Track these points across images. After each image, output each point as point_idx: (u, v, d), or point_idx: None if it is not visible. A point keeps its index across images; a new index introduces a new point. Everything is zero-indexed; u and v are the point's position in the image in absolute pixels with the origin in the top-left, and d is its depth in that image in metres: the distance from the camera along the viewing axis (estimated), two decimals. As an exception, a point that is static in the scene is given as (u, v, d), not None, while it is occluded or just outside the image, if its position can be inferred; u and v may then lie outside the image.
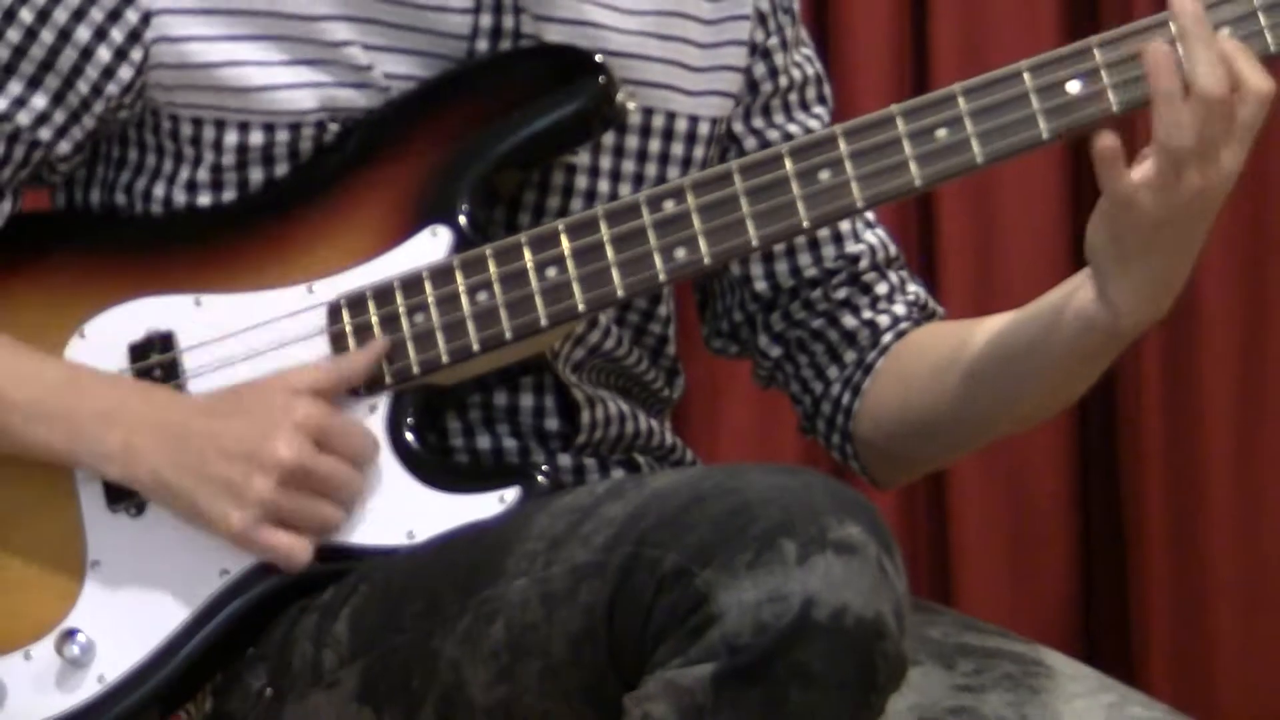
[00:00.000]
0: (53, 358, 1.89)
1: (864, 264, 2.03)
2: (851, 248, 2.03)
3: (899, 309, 2.04)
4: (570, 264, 1.82)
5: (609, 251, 1.82)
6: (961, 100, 1.79)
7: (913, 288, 2.06)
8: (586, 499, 1.66)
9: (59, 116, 1.89)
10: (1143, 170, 1.74)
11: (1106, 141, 1.74)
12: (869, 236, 2.04)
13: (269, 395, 1.83)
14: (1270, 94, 1.75)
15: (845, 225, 2.01)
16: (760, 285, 2.03)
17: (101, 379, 1.88)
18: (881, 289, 2.04)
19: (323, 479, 1.81)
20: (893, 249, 2.06)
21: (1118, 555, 3.41)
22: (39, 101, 1.88)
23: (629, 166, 1.96)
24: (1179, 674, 3.33)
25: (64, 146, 1.90)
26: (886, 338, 2.02)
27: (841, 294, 2.03)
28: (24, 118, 1.89)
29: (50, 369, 1.88)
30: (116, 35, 1.86)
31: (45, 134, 1.89)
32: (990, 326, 1.94)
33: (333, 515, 1.82)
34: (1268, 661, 3.37)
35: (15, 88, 1.88)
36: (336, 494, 1.82)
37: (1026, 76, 1.78)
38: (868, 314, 2.03)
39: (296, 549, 1.81)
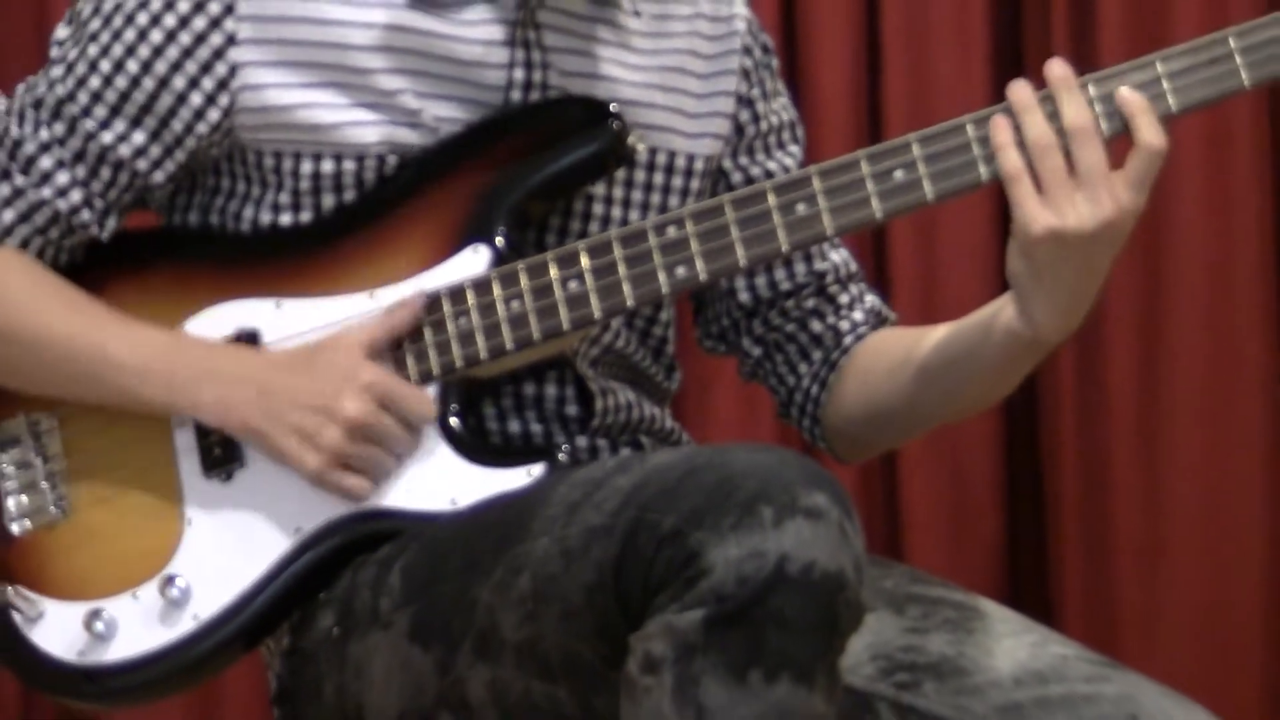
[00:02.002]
0: (156, 327, 1.88)
1: (829, 279, 2.04)
2: (819, 265, 2.03)
3: (858, 316, 2.04)
4: (589, 278, 1.82)
5: (621, 269, 1.82)
6: (915, 147, 1.79)
7: (870, 298, 2.06)
8: (599, 472, 1.66)
9: (155, 151, 1.89)
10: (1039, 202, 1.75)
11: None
12: (834, 255, 2.04)
13: (337, 355, 1.83)
14: (1163, 150, 1.74)
15: (817, 248, 2.01)
16: (744, 296, 2.03)
17: (198, 343, 1.88)
18: (844, 299, 2.04)
19: (382, 434, 1.81)
20: (853, 266, 2.06)
21: (1038, 519, 3.41)
22: (138, 138, 1.88)
23: (637, 196, 1.96)
24: (1089, 617, 3.33)
25: (158, 176, 1.90)
26: (848, 340, 2.02)
27: (810, 303, 2.03)
28: (125, 150, 1.89)
29: (155, 336, 1.88)
30: (207, 84, 1.86)
31: (142, 165, 1.89)
32: (935, 335, 1.94)
33: (389, 463, 1.82)
34: (1162, 606, 3.38)
35: (120, 125, 1.88)
36: (393, 447, 1.82)
37: (969, 129, 1.78)
38: (832, 320, 2.03)
39: (360, 488, 1.82)
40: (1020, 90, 1.77)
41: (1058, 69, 1.77)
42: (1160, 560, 3.37)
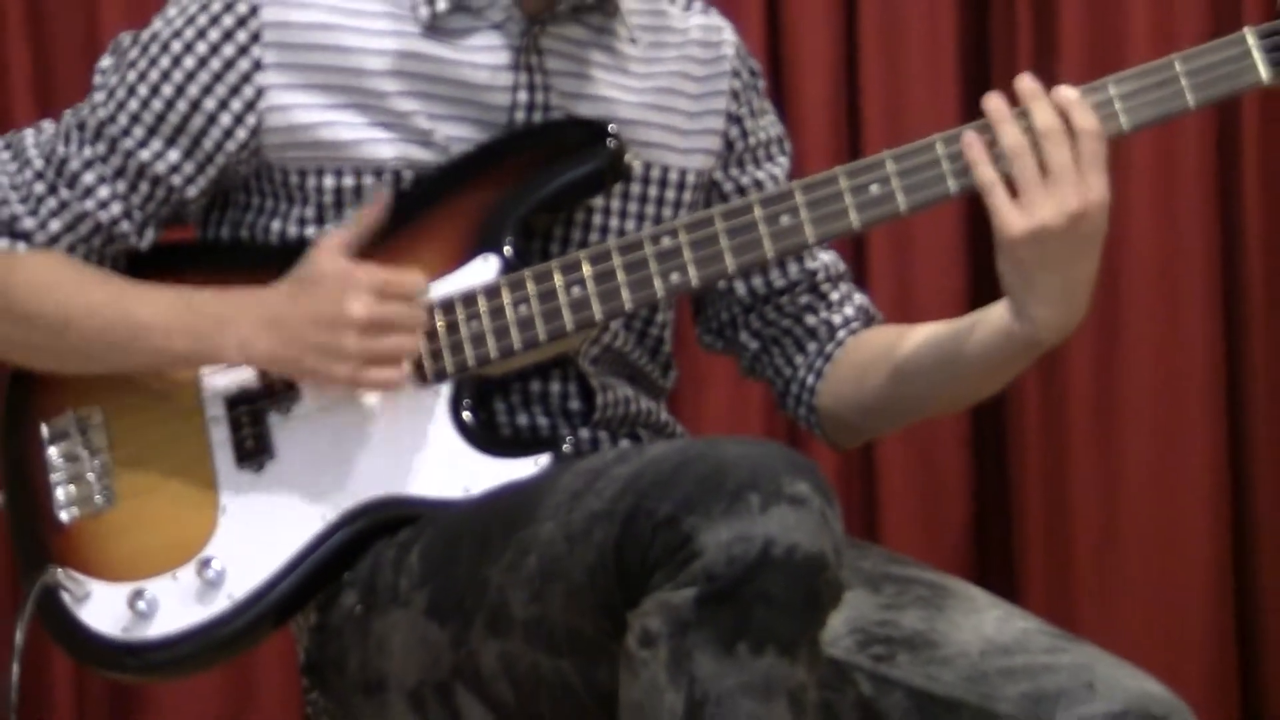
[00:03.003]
0: (171, 288, 1.88)
1: (820, 276, 2.03)
2: (810, 264, 2.03)
3: (850, 311, 2.04)
4: (590, 284, 1.83)
5: (620, 275, 1.82)
6: (889, 163, 1.79)
7: (859, 296, 2.06)
8: (600, 463, 1.66)
9: (188, 167, 1.89)
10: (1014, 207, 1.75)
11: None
12: (824, 256, 2.04)
13: (325, 266, 1.82)
14: (1099, 131, 1.75)
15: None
16: (741, 293, 2.03)
17: (208, 295, 1.87)
18: (835, 296, 2.04)
19: (392, 320, 1.80)
20: (842, 266, 2.06)
21: (1003, 506, 3.42)
22: (173, 155, 1.89)
23: (634, 208, 1.96)
24: (1049, 594, 3.34)
25: (192, 191, 1.90)
26: (840, 333, 2.02)
27: (804, 299, 2.03)
28: (161, 166, 1.89)
29: (171, 295, 1.87)
30: (236, 105, 1.86)
31: (177, 180, 1.90)
32: (925, 331, 1.95)
33: (410, 343, 1.81)
34: (1115, 585, 3.38)
35: (156, 144, 1.89)
36: (406, 326, 1.81)
37: (939, 146, 1.79)
38: (825, 314, 2.03)
39: (394, 378, 1.81)
40: (996, 101, 1.78)
41: (1027, 83, 1.78)
42: (1114, 543, 3.38)
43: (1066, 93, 1.76)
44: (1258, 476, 3.41)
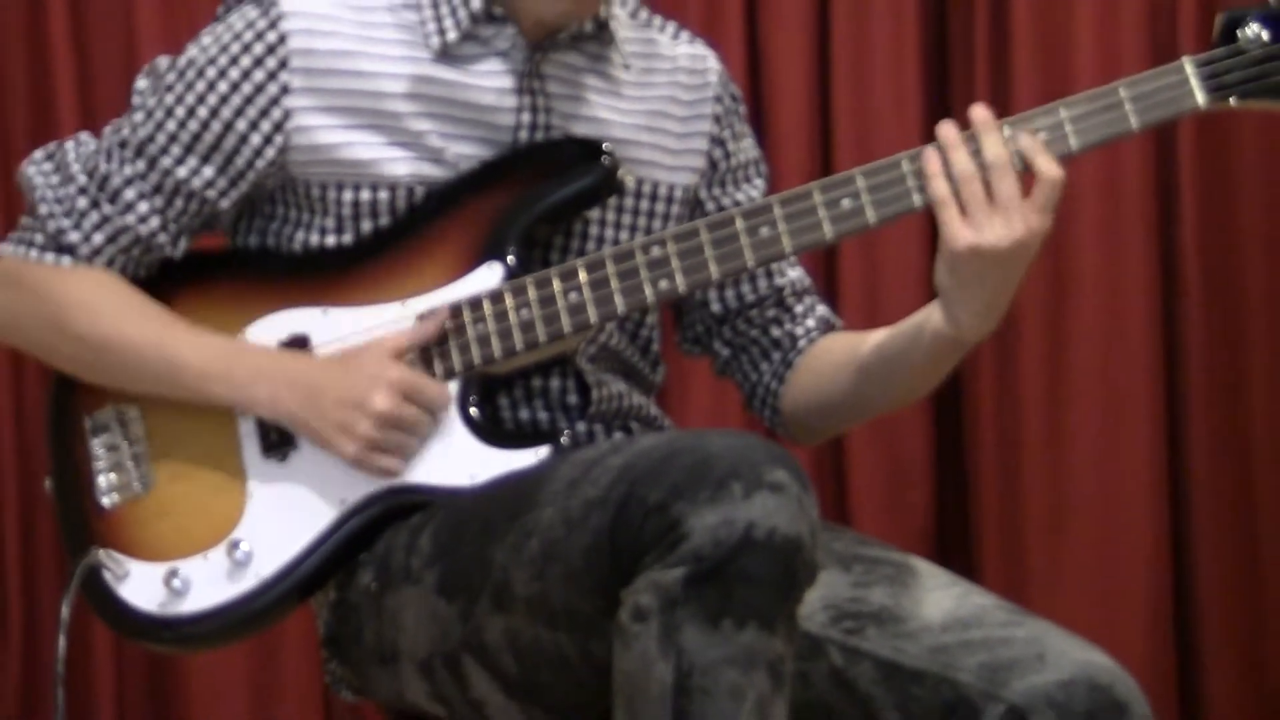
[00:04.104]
0: (217, 334, 1.88)
1: (787, 291, 2.03)
2: (778, 280, 2.03)
3: (811, 323, 2.03)
4: (586, 290, 1.82)
5: (614, 282, 1.82)
6: (860, 179, 1.79)
7: (821, 309, 2.06)
8: (595, 453, 1.66)
9: (221, 183, 1.89)
10: (962, 222, 1.75)
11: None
12: (791, 273, 2.04)
13: (369, 359, 1.82)
14: (1059, 180, 1.75)
15: (775, 265, 2.01)
16: (715, 306, 2.03)
17: (252, 349, 1.87)
18: (799, 309, 2.04)
19: (407, 421, 1.81)
20: (807, 281, 2.06)
21: (963, 493, 3.41)
22: (208, 171, 1.88)
23: (626, 220, 1.96)
24: (1004, 573, 3.34)
25: (224, 204, 1.90)
26: (802, 343, 2.02)
27: (771, 313, 2.03)
28: (196, 182, 1.89)
29: (217, 342, 1.87)
30: (265, 126, 1.86)
31: (211, 194, 1.89)
32: (874, 337, 1.94)
33: (415, 445, 1.81)
34: (1065, 564, 3.38)
35: (193, 161, 1.88)
36: (418, 431, 1.81)
37: (904, 163, 1.78)
38: (789, 326, 2.03)
39: (392, 467, 1.81)
40: (946, 129, 1.77)
41: (980, 112, 1.77)
42: (1063, 525, 3.38)
43: (1028, 141, 1.75)
44: (1193, 467, 3.41)
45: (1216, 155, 3.38)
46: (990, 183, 1.74)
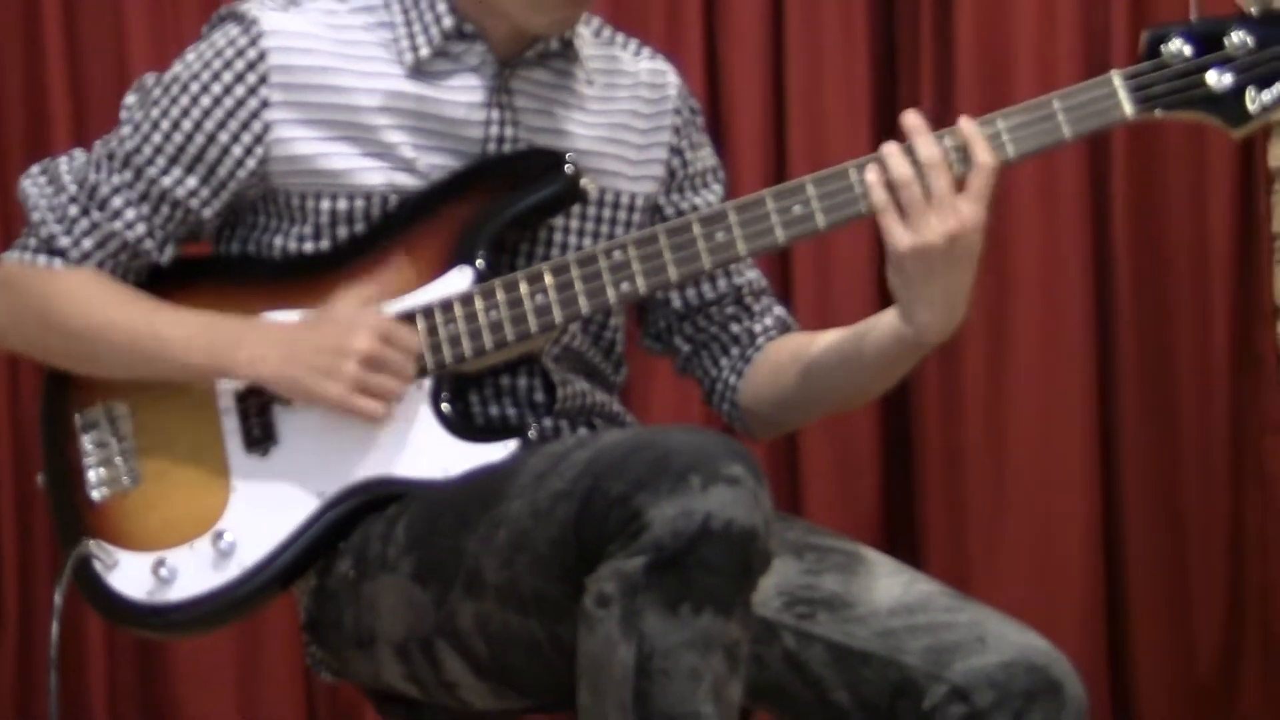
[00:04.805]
0: (196, 310, 1.86)
1: (745, 290, 2.02)
2: (737, 280, 2.02)
3: (768, 321, 2.03)
4: (552, 292, 1.82)
5: (578, 285, 1.81)
6: (810, 187, 1.79)
7: (779, 309, 2.05)
8: (561, 448, 1.65)
9: (205, 192, 1.88)
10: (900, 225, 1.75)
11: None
12: (749, 273, 2.03)
13: (345, 307, 1.82)
14: (994, 165, 1.75)
15: (734, 266, 2.00)
16: (677, 303, 2.02)
17: (231, 319, 1.85)
18: (757, 308, 2.03)
19: (388, 362, 1.79)
20: (764, 282, 2.05)
21: (908, 484, 3.43)
22: (191, 181, 1.87)
23: (590, 226, 1.95)
24: (949, 561, 3.35)
25: (207, 213, 1.89)
26: (760, 340, 2.01)
27: (730, 310, 2.02)
28: (181, 192, 1.88)
29: (194, 315, 1.86)
30: (246, 138, 1.85)
31: (194, 203, 1.88)
32: (828, 338, 1.94)
33: (398, 387, 1.80)
34: (1004, 553, 3.39)
35: (177, 172, 1.87)
36: (398, 374, 1.80)
37: (852, 172, 1.78)
38: (747, 324, 2.02)
39: (376, 409, 1.79)
40: (889, 145, 1.77)
41: (910, 117, 1.77)
42: (1003, 516, 3.39)
43: (968, 128, 1.76)
44: (1125, 461, 3.43)
45: (1145, 162, 3.40)
46: (926, 181, 1.74)
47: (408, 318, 1.83)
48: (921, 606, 1.76)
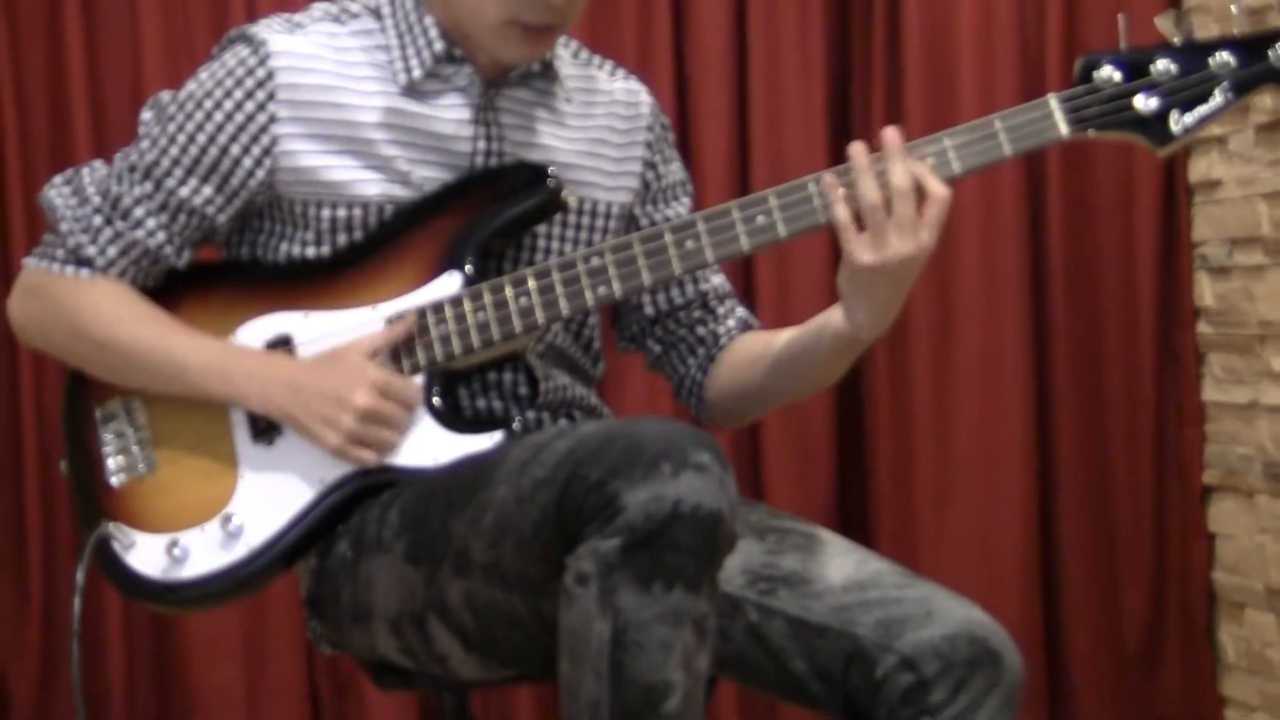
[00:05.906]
0: (214, 338, 1.86)
1: (710, 295, 2.03)
2: (703, 286, 2.02)
3: (732, 323, 2.03)
4: (535, 295, 1.81)
5: (559, 288, 1.81)
6: (772, 199, 1.79)
7: (741, 310, 2.05)
8: (543, 438, 1.64)
9: (219, 200, 1.87)
10: (862, 243, 1.74)
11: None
12: (714, 279, 2.04)
13: (349, 359, 1.81)
14: (948, 198, 1.74)
15: (700, 272, 2.01)
16: (648, 309, 2.03)
17: (245, 350, 1.86)
18: (721, 311, 2.03)
19: (385, 417, 1.79)
20: (728, 286, 2.06)
21: (861, 470, 3.44)
22: (207, 190, 1.87)
23: (570, 234, 1.94)
24: (898, 541, 3.36)
25: (221, 219, 1.89)
26: (724, 340, 2.02)
27: (696, 314, 2.03)
28: (197, 200, 1.87)
29: (213, 344, 1.85)
30: (255, 150, 1.85)
31: (210, 210, 1.88)
32: (784, 335, 1.94)
33: (391, 438, 1.80)
34: (949, 533, 3.40)
35: (194, 182, 1.87)
36: (394, 425, 1.80)
37: (810, 185, 1.78)
38: (712, 326, 2.03)
39: (369, 457, 1.80)
40: (858, 149, 1.76)
41: (892, 135, 1.76)
42: (948, 499, 3.41)
43: (919, 166, 1.75)
44: (1059, 451, 3.44)
45: (1078, 179, 3.42)
46: (893, 204, 1.74)
47: (401, 319, 1.83)
48: (873, 583, 1.76)
